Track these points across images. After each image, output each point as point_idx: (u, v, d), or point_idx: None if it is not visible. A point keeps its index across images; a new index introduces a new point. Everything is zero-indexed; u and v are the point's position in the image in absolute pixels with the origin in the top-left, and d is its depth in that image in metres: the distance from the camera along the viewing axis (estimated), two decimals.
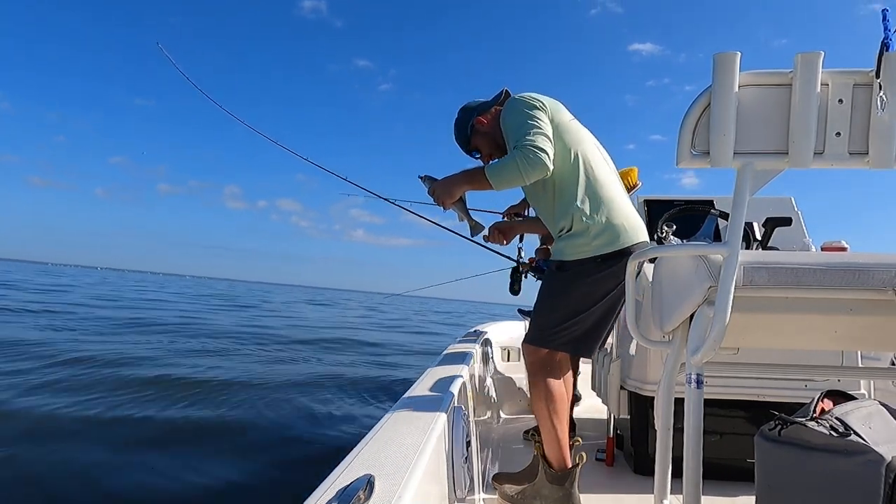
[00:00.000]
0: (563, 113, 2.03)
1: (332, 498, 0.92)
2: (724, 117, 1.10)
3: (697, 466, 1.18)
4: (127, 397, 6.01)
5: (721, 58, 1.10)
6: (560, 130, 1.98)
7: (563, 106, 2.06)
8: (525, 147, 1.87)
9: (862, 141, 1.10)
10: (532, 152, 1.86)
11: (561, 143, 1.97)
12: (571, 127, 2.02)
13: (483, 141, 2.19)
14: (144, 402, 5.82)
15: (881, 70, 1.06)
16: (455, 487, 1.56)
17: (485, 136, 2.18)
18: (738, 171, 1.13)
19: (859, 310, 1.19)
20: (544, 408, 1.98)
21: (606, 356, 2.80)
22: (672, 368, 1.35)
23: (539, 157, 1.86)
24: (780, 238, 2.84)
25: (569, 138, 1.99)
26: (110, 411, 5.36)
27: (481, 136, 2.19)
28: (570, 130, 2.01)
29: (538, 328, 2.04)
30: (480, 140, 2.20)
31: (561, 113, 2.02)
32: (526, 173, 1.87)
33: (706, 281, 1.15)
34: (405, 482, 1.02)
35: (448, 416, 1.63)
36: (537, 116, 1.93)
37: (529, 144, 1.87)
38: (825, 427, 1.08)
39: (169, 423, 5.13)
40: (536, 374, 2.02)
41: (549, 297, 2.05)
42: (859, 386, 2.32)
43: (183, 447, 4.52)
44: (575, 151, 1.98)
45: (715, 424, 2.28)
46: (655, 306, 1.48)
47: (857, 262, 1.13)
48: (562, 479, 1.97)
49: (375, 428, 1.40)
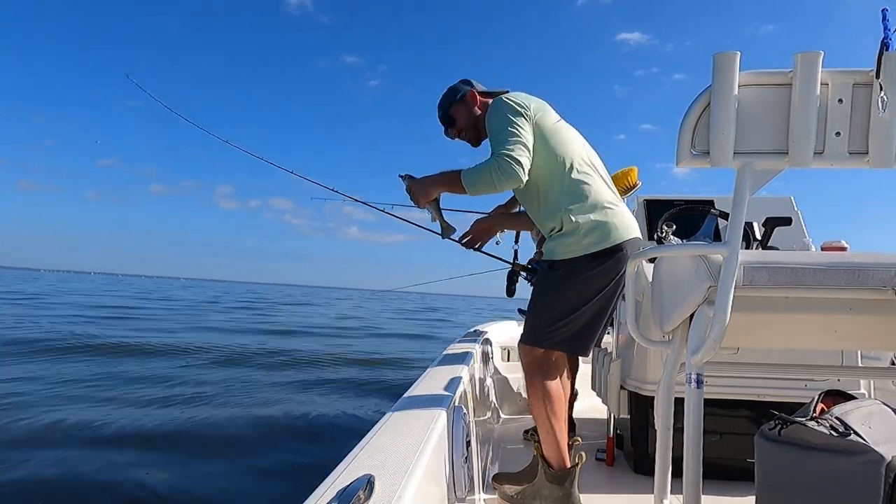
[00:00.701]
0: (549, 115, 2.04)
1: (332, 498, 0.92)
2: (724, 117, 1.10)
3: (697, 466, 1.18)
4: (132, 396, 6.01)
5: (721, 58, 1.10)
6: (546, 133, 1.99)
7: (550, 107, 2.08)
8: (502, 156, 1.90)
9: (862, 141, 1.10)
10: (507, 163, 1.89)
11: (547, 145, 1.99)
12: (558, 128, 2.04)
13: (463, 113, 2.21)
14: (143, 404, 5.83)
15: (881, 70, 1.06)
16: (455, 487, 1.56)
17: (468, 112, 2.20)
18: (738, 171, 1.13)
19: (859, 309, 1.19)
20: (542, 408, 1.98)
21: (606, 356, 2.80)
22: (672, 368, 1.35)
23: (513, 169, 1.89)
24: (780, 238, 2.84)
25: (555, 140, 2.00)
26: (102, 408, 5.37)
27: (465, 109, 2.20)
28: (556, 132, 2.02)
29: (532, 328, 2.04)
30: (462, 111, 2.21)
31: (547, 116, 2.03)
32: (499, 183, 1.92)
33: (706, 281, 1.15)
34: (405, 482, 1.02)
35: (448, 416, 1.63)
36: (518, 124, 1.95)
37: (506, 154, 1.90)
38: (825, 427, 1.08)
39: (162, 427, 5.14)
40: (533, 373, 2.02)
41: (542, 297, 2.05)
42: (859, 386, 2.32)
43: (178, 449, 4.52)
44: (561, 154, 2.00)
45: (715, 424, 2.28)
46: (655, 306, 1.48)
47: (856, 262, 1.13)
48: (561, 478, 1.97)
49: (375, 428, 1.40)
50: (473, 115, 2.19)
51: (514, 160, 1.89)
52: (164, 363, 8.43)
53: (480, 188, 1.98)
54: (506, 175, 1.90)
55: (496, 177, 1.90)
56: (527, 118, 1.97)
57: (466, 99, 2.20)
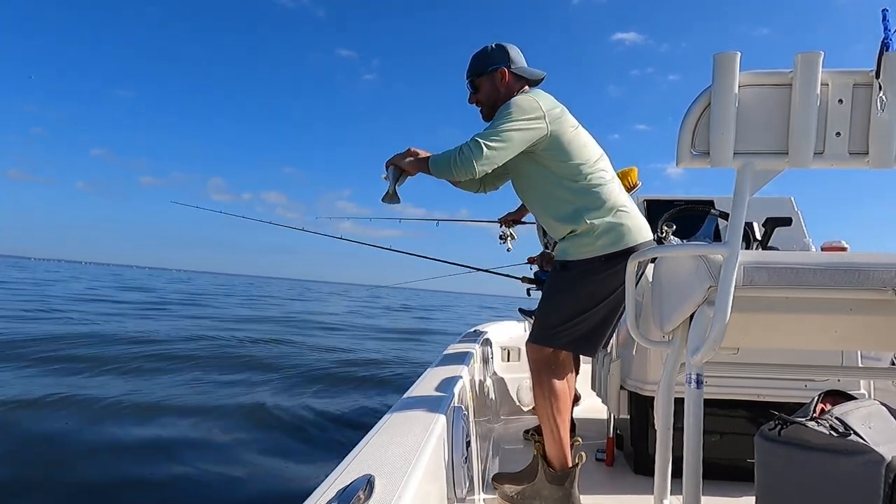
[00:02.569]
0: (568, 120, 2.01)
1: (332, 498, 0.92)
2: (724, 117, 1.10)
3: (697, 466, 1.18)
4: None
5: (721, 58, 1.10)
6: (564, 138, 1.97)
7: (569, 112, 2.04)
8: (471, 143, 1.89)
9: (862, 141, 1.10)
10: (469, 154, 1.88)
11: (565, 150, 1.97)
12: (577, 133, 2.02)
13: (488, 88, 2.13)
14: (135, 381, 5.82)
15: (881, 70, 1.06)
16: (455, 487, 1.56)
17: (492, 88, 2.13)
18: (738, 171, 1.13)
19: (859, 310, 1.19)
20: (548, 406, 1.99)
21: (606, 356, 2.80)
22: (672, 368, 1.35)
23: (470, 162, 1.87)
24: (780, 238, 2.84)
25: (573, 145, 1.98)
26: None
27: (491, 84, 2.13)
28: (575, 137, 2.00)
29: (542, 327, 2.05)
30: (488, 85, 2.13)
31: (565, 120, 2.00)
32: (456, 170, 1.91)
33: (706, 281, 1.15)
34: (405, 482, 1.02)
35: (448, 416, 1.63)
36: (522, 126, 1.91)
37: (479, 141, 1.87)
38: (825, 427, 1.08)
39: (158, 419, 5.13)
40: (540, 372, 2.03)
41: (554, 297, 2.05)
42: (859, 386, 2.32)
43: (171, 453, 4.51)
44: (578, 158, 1.98)
45: (715, 424, 2.28)
46: (655, 306, 1.48)
47: (857, 262, 1.13)
48: (562, 479, 1.97)
49: (375, 428, 1.40)
50: (496, 93, 2.12)
51: (480, 154, 1.86)
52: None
53: (440, 172, 1.98)
54: (464, 165, 1.88)
55: (454, 164, 1.90)
56: (538, 121, 1.93)
57: (495, 75, 2.12)
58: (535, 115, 1.93)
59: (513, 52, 2.14)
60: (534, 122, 1.93)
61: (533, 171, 2.03)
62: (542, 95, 2.02)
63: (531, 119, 1.92)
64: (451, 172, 1.94)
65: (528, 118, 1.92)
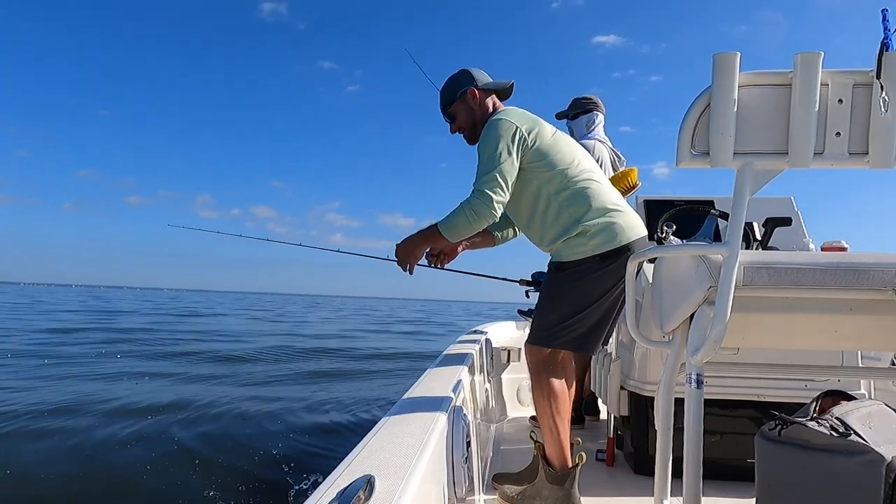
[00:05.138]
0: (545, 132, 2.03)
1: (333, 498, 0.92)
2: (724, 117, 1.10)
3: (697, 466, 1.18)
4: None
5: (721, 58, 1.10)
6: (544, 149, 1.99)
7: (543, 122, 2.07)
8: (476, 194, 1.92)
9: (862, 141, 1.10)
10: (480, 204, 1.91)
11: (547, 160, 1.99)
12: (555, 140, 2.04)
13: (463, 112, 2.17)
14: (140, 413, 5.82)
15: (881, 70, 1.06)
16: (455, 487, 1.56)
17: (468, 110, 2.16)
18: (738, 171, 1.13)
19: (859, 310, 1.19)
20: (547, 406, 1.99)
21: (607, 356, 2.80)
22: (672, 368, 1.35)
23: (487, 209, 1.91)
24: (780, 238, 2.84)
25: (554, 154, 2.00)
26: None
27: (465, 107, 2.16)
28: (554, 145, 2.02)
29: (540, 328, 2.05)
30: (462, 110, 2.17)
31: (543, 134, 2.02)
32: (475, 222, 1.95)
33: (706, 281, 1.15)
34: (405, 482, 1.02)
35: (448, 416, 1.63)
36: (508, 151, 1.94)
37: (484, 190, 1.91)
38: (825, 427, 1.08)
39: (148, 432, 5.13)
40: (539, 373, 2.03)
41: (551, 298, 2.06)
42: (859, 386, 2.32)
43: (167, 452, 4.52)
44: (562, 164, 2.00)
45: (715, 424, 2.28)
46: (655, 306, 1.48)
47: (856, 262, 1.13)
48: (562, 479, 1.97)
49: (375, 428, 1.40)
50: (472, 113, 2.16)
51: (489, 198, 1.91)
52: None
53: (459, 233, 2.01)
54: (480, 215, 1.93)
55: (472, 218, 1.94)
56: (520, 141, 1.96)
57: (466, 97, 2.16)
58: (512, 132, 1.97)
59: (475, 72, 2.20)
60: (516, 140, 1.96)
61: (521, 188, 2.03)
62: (512, 113, 2.05)
63: (512, 138, 1.96)
64: (471, 227, 1.97)
65: (509, 138, 1.96)
